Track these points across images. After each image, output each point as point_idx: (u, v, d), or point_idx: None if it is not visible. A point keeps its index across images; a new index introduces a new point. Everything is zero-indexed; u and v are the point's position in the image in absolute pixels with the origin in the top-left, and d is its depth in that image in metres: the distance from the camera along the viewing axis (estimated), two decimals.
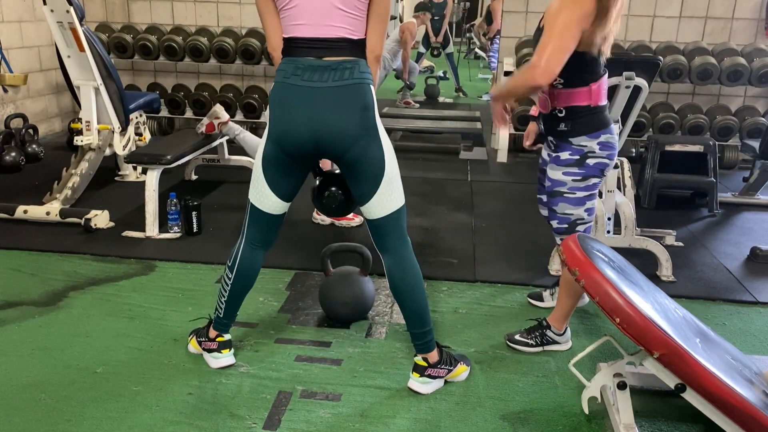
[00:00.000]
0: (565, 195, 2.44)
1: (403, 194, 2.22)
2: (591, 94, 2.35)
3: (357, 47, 2.10)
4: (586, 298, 2.93)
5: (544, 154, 2.65)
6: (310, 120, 2.05)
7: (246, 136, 4.38)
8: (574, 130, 2.38)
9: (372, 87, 2.12)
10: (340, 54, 2.06)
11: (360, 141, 2.08)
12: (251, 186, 2.25)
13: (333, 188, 2.35)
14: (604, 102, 2.41)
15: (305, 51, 2.06)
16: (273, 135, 2.12)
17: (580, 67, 2.30)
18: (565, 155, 2.41)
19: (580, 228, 2.50)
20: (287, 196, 2.23)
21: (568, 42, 2.20)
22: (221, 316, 2.40)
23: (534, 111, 2.74)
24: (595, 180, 2.43)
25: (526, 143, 2.81)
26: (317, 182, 2.39)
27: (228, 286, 2.34)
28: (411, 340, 2.33)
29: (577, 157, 2.38)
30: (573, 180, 2.41)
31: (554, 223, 2.53)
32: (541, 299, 3.02)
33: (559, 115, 2.39)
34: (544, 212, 2.76)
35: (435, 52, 9.45)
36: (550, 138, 2.51)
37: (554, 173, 2.45)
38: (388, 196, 2.16)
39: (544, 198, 2.69)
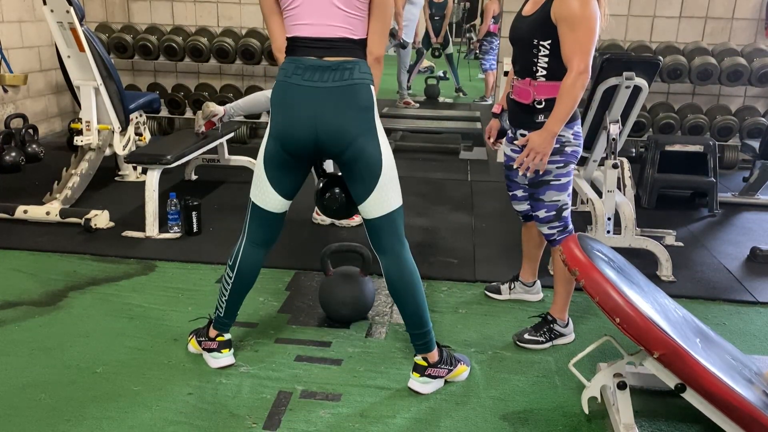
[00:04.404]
0: (551, 183, 2.49)
1: (400, 195, 2.23)
2: None
3: (358, 47, 2.12)
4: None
5: (508, 150, 2.68)
6: (311, 119, 2.08)
7: (239, 104, 4.27)
8: None
9: (372, 88, 2.13)
10: (341, 54, 2.09)
11: (358, 140, 2.09)
12: (253, 185, 2.26)
13: (335, 190, 2.36)
14: None
15: (306, 51, 2.10)
16: (274, 133, 2.14)
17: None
18: None
19: (565, 214, 2.55)
20: (289, 194, 2.25)
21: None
22: (222, 315, 2.40)
23: (497, 108, 2.80)
24: (572, 166, 2.51)
25: (489, 140, 2.86)
26: (320, 184, 2.40)
27: (229, 285, 2.35)
28: (411, 341, 2.33)
29: (558, 145, 2.44)
30: (557, 167, 2.47)
31: (541, 213, 2.55)
32: (498, 292, 3.06)
33: (538, 106, 2.44)
34: (521, 207, 2.79)
35: (436, 53, 9.43)
36: (522, 132, 2.52)
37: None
38: (385, 196, 2.17)
39: (519, 193, 2.74)
